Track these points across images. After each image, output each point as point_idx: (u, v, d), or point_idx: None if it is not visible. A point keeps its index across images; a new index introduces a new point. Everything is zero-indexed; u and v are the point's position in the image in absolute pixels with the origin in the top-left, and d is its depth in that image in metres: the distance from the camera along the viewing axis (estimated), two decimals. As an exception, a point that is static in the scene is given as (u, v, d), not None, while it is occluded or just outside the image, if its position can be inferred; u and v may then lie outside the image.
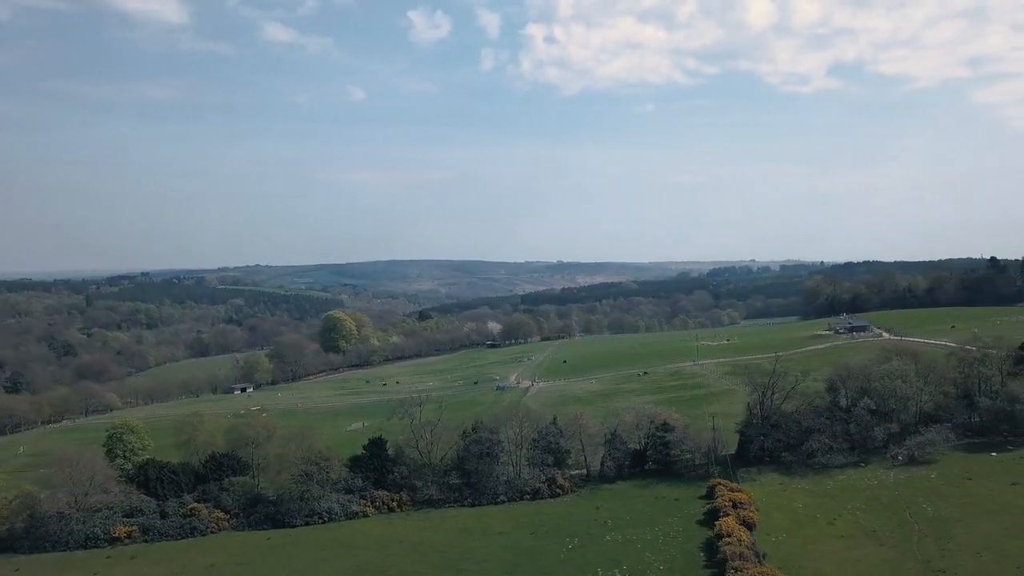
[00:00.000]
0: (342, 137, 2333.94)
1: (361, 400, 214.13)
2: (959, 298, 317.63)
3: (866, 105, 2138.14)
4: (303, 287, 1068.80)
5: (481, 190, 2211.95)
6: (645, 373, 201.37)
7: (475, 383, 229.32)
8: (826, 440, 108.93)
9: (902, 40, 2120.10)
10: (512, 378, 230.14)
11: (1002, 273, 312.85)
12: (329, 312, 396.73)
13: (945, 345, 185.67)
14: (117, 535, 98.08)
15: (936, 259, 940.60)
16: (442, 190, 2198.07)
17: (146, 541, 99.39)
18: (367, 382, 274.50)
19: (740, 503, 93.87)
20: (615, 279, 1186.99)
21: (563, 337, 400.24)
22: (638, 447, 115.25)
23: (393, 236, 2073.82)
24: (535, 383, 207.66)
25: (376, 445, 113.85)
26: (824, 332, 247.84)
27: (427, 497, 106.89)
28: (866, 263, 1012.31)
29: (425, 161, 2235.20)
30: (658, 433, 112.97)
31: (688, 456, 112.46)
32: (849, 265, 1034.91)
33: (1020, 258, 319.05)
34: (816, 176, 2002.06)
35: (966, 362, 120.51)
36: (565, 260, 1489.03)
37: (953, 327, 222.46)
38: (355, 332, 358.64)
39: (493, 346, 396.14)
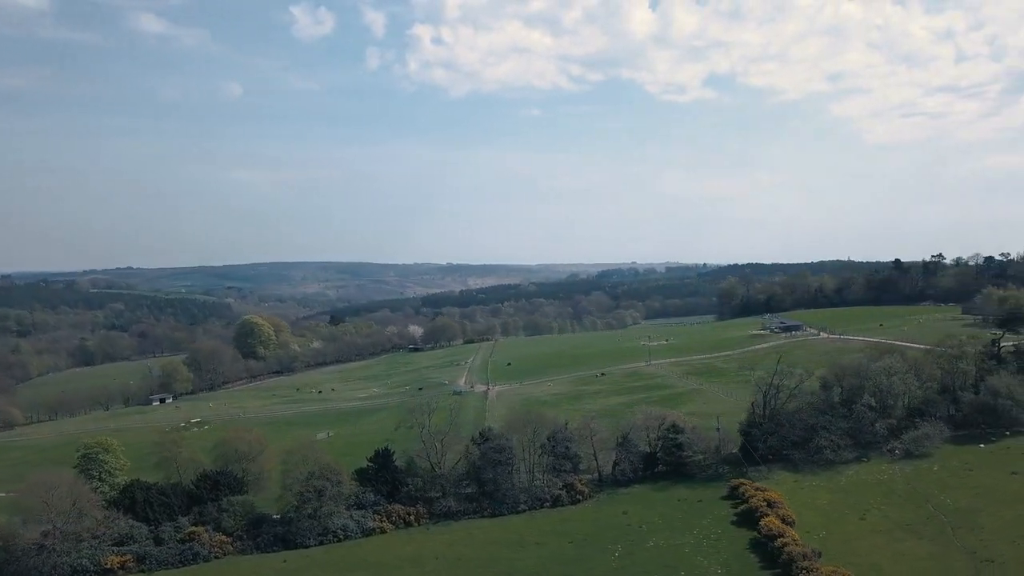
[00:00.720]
0: (218, 134, 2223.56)
1: (306, 409, 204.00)
2: (867, 297, 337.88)
3: (738, 115, 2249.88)
4: (183, 291, 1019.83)
5: (368, 191, 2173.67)
6: (603, 374, 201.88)
7: (420, 388, 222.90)
8: (833, 437, 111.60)
9: (771, 54, 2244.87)
10: (461, 382, 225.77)
11: (906, 275, 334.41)
12: (245, 316, 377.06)
13: (886, 343, 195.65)
14: (109, 566, 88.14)
15: (819, 260, 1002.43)
16: (327, 190, 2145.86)
17: (143, 571, 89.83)
18: (297, 390, 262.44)
19: (774, 502, 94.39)
20: (507, 281, 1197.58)
21: (487, 339, 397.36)
22: (648, 449, 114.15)
23: (275, 237, 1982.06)
24: (490, 387, 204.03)
25: (383, 456, 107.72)
26: (760, 331, 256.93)
27: (445, 509, 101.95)
28: (752, 265, 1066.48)
29: (308, 160, 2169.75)
30: (670, 435, 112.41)
31: (700, 457, 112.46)
32: (734, 267, 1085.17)
33: (921, 260, 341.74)
34: (693, 181, 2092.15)
35: (945, 359, 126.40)
36: (455, 262, 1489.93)
37: (881, 325, 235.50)
38: (273, 337, 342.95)
39: (415, 349, 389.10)
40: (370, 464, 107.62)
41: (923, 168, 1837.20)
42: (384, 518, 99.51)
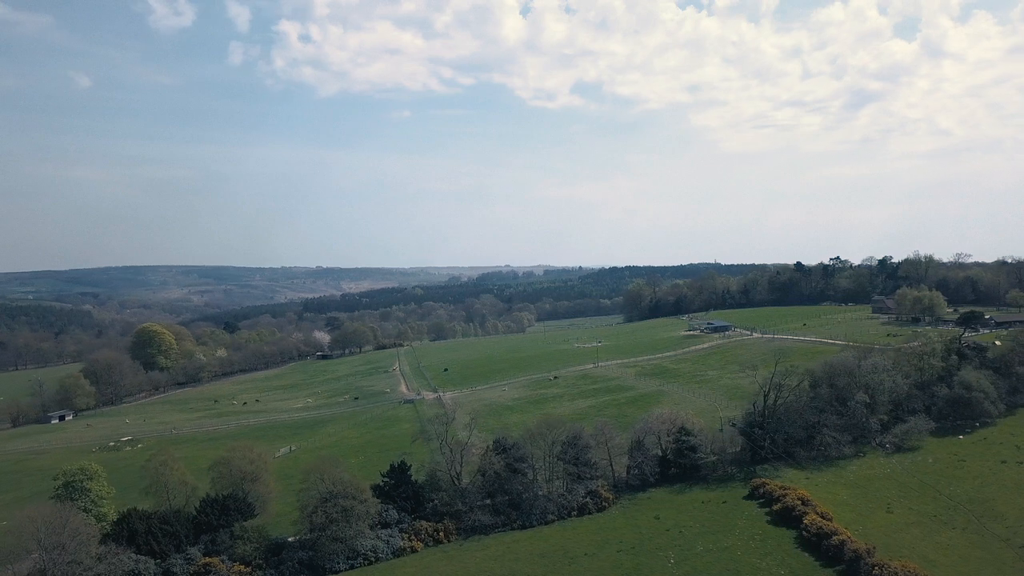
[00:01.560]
0: (65, 129, 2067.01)
1: (244, 422, 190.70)
2: (771, 298, 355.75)
3: (604, 122, 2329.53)
4: (30, 297, 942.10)
5: (231, 191, 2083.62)
6: (556, 377, 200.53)
7: (356, 398, 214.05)
8: (834, 434, 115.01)
9: (636, 65, 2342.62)
10: (403, 389, 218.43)
11: (807, 276, 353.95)
12: (144, 324, 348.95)
13: (825, 341, 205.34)
14: (119, 609, 77.97)
15: (690, 263, 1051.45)
16: (186, 190, 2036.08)
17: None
18: (216, 402, 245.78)
19: (807, 500, 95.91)
20: (382, 285, 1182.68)
21: (401, 345, 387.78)
22: (660, 453, 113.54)
23: (127, 239, 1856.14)
24: (440, 393, 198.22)
25: (400, 471, 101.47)
26: (690, 332, 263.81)
27: (475, 524, 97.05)
28: (630, 267, 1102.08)
29: (165, 158, 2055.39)
30: (682, 437, 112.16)
31: (713, 459, 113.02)
32: (614, 270, 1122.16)
33: (820, 263, 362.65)
34: (562, 186, 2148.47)
35: (915, 356, 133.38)
36: (325, 265, 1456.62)
37: (805, 324, 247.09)
38: (175, 346, 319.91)
39: (324, 357, 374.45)
40: (385, 479, 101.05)
41: (774, 176, 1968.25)
42: (412, 536, 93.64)
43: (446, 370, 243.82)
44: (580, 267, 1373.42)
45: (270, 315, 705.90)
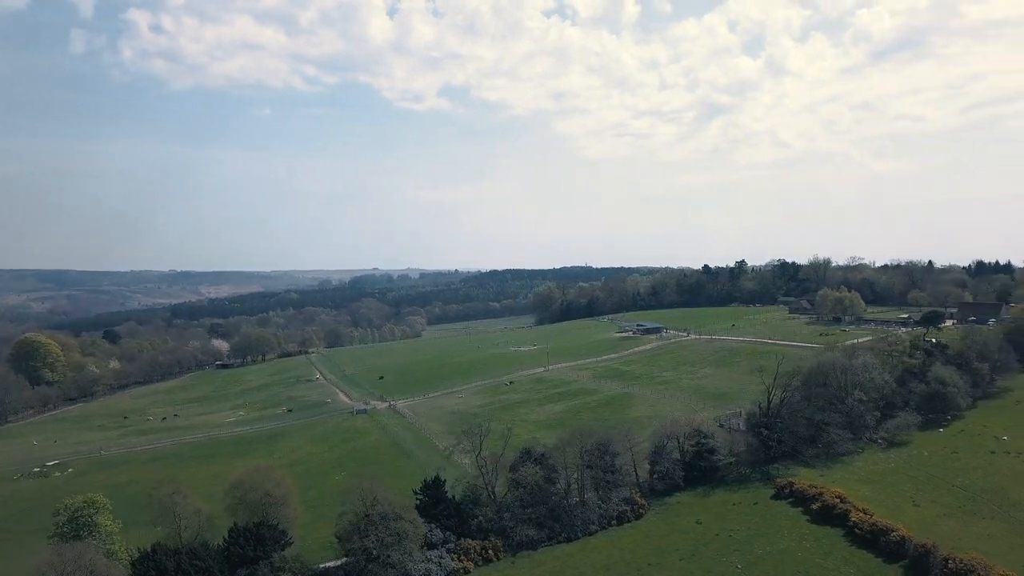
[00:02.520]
0: None
1: (182, 439, 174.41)
2: (680, 300, 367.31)
3: (472, 126, 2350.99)
4: None
5: (73, 190, 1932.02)
6: (511, 383, 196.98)
7: (290, 410, 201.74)
8: (838, 431, 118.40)
9: (503, 70, 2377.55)
10: (344, 398, 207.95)
11: (714, 278, 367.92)
12: (25, 335, 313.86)
13: (764, 341, 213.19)
14: (166, 661, 68.22)
15: (563, 266, 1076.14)
16: (17, 188, 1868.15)
17: (209, 661, 70.74)
18: (125, 417, 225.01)
19: (844, 498, 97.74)
20: (247, 289, 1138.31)
21: (305, 352, 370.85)
22: (679, 456, 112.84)
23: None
24: (391, 403, 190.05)
25: (435, 486, 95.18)
26: (621, 334, 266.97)
27: (521, 539, 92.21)
28: (512, 271, 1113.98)
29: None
30: (703, 440, 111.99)
31: (731, 460, 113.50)
32: (494, 273, 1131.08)
33: (727, 266, 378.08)
34: (431, 189, 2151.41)
35: (894, 354, 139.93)
36: (180, 269, 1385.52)
37: (733, 326, 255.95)
38: (62, 357, 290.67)
39: (225, 366, 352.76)
40: (419, 496, 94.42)
41: (633, 182, 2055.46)
42: (462, 556, 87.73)
43: (381, 378, 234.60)
44: (456, 270, 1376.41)
45: (135, 322, 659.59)
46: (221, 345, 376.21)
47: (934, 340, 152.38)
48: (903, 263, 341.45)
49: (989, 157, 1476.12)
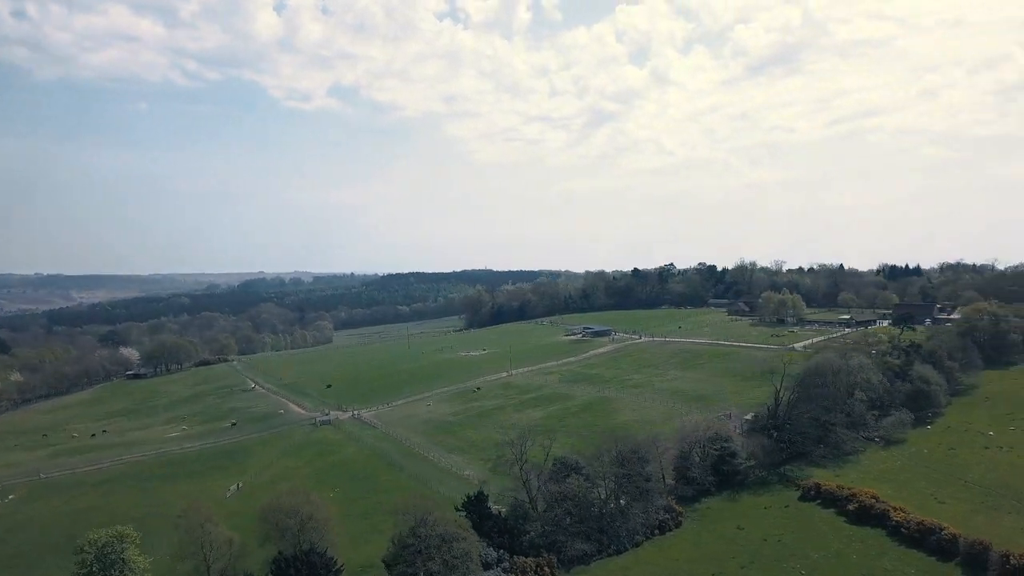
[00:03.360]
0: None
1: (129, 458, 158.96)
2: (610, 302, 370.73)
3: (362, 127, 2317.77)
4: None
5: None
6: (478, 389, 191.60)
7: (233, 424, 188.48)
8: (845, 431, 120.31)
9: (395, 71, 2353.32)
10: (296, 409, 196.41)
11: (643, 281, 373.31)
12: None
13: (719, 343, 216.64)
14: None
15: (463, 269, 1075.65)
16: None
17: None
18: (45, 435, 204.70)
19: (878, 498, 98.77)
20: (126, 294, 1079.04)
21: (226, 360, 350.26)
22: (699, 460, 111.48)
23: None
24: (354, 412, 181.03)
25: (478, 502, 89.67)
26: (570, 337, 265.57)
27: (575, 554, 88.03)
28: (415, 274, 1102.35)
29: None
30: (725, 444, 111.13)
31: (752, 463, 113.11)
32: (397, 276, 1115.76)
33: (656, 269, 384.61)
34: (319, 190, 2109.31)
35: (880, 354, 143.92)
36: (47, 272, 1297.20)
37: (680, 327, 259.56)
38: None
39: (137, 376, 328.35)
40: (462, 513, 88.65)
41: (524, 186, 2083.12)
42: (518, 574, 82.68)
43: (329, 386, 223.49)
44: (352, 273, 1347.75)
45: (8, 329, 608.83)
46: (130, 354, 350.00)
47: (910, 341, 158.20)
48: (816, 267, 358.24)
49: (849, 167, 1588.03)
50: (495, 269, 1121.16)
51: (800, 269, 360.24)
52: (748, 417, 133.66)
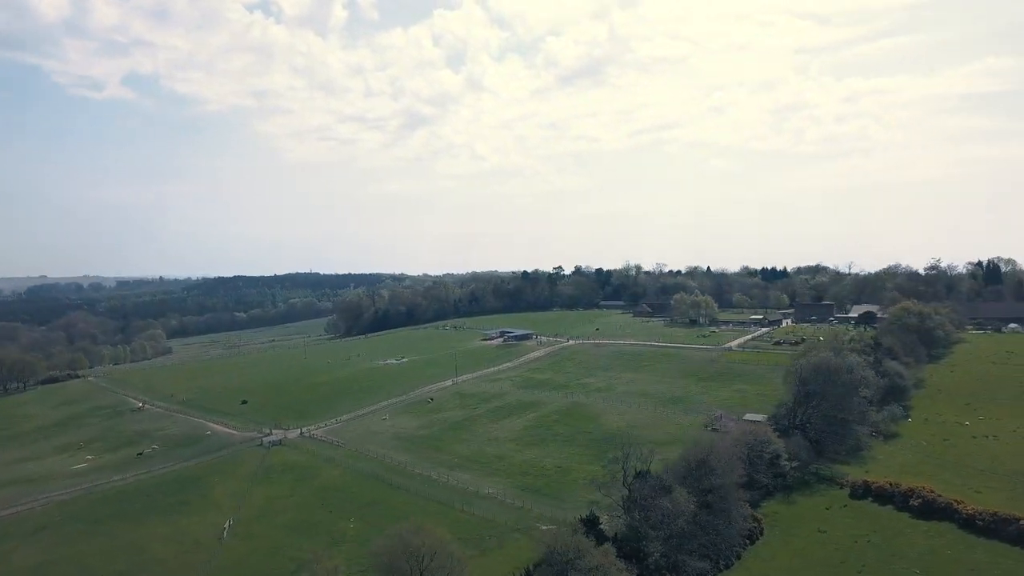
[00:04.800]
0: None
1: (35, 499, 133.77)
2: (500, 305, 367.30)
3: (161, 120, 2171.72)
4: None
5: None
6: (432, 399, 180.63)
7: (140, 454, 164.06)
8: (859, 428, 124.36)
9: (199, 63, 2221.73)
10: (224, 430, 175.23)
11: (534, 284, 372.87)
12: None
13: (651, 344, 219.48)
14: None
15: (287, 273, 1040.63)
16: None
17: None
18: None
19: (935, 491, 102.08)
20: None
21: (77, 376, 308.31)
22: (766, 466, 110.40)
23: None
24: (301, 431, 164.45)
25: (592, 524, 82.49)
26: (489, 342, 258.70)
27: (695, 572, 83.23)
28: (242, 278, 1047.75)
29: None
30: (773, 447, 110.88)
31: (795, 464, 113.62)
32: (222, 280, 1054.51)
33: (546, 272, 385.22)
34: (111, 187, 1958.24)
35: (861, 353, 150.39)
36: None
37: (597, 330, 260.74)
38: None
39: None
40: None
41: (338, 187, 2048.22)
42: (658, 603, 76.73)
43: (244, 402, 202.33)
44: (160, 278, 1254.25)
45: None
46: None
47: (872, 339, 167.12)
48: (690, 269, 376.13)
49: (650, 176, 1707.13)
50: (321, 272, 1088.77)
51: (679, 271, 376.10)
52: (758, 418, 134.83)
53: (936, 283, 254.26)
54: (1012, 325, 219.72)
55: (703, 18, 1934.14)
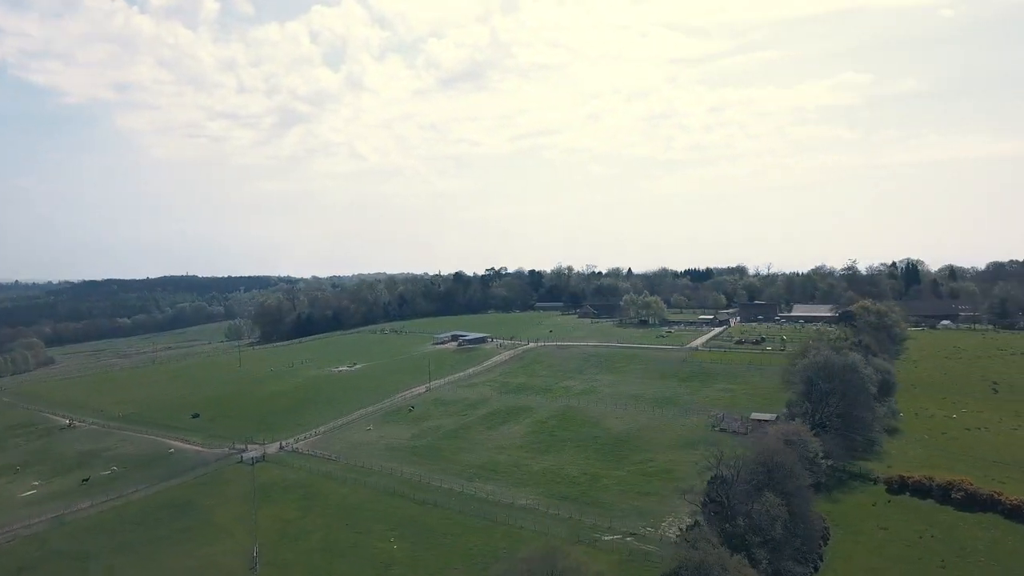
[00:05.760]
0: None
1: (9, 530, 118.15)
2: (432, 307, 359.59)
3: (12, 112, 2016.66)
4: None
5: None
6: (412, 408, 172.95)
7: (84, 480, 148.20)
8: (875, 424, 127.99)
9: (56, 52, 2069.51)
10: (189, 447, 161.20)
11: (467, 286, 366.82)
12: None
13: (612, 345, 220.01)
14: None
15: (163, 276, 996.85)
16: None
17: None
18: None
19: (977, 486, 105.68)
20: None
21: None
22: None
23: None
24: (281, 445, 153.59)
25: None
26: (442, 346, 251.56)
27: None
28: (117, 281, 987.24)
29: None
30: (812, 447, 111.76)
31: (830, 463, 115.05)
32: (91, 283, 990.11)
33: (478, 274, 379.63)
34: None
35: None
36: None
37: (551, 332, 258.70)
38: None
39: None
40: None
41: (209, 186, 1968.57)
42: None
43: (196, 416, 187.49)
44: (16, 281, 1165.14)
45: None
46: None
47: (847, 336, 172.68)
48: (612, 271, 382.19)
49: (529, 180, 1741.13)
50: (200, 275, 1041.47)
51: (606, 272, 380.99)
52: (766, 417, 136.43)
53: (879, 283, 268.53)
54: (945, 322, 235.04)
55: (583, 27, 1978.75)
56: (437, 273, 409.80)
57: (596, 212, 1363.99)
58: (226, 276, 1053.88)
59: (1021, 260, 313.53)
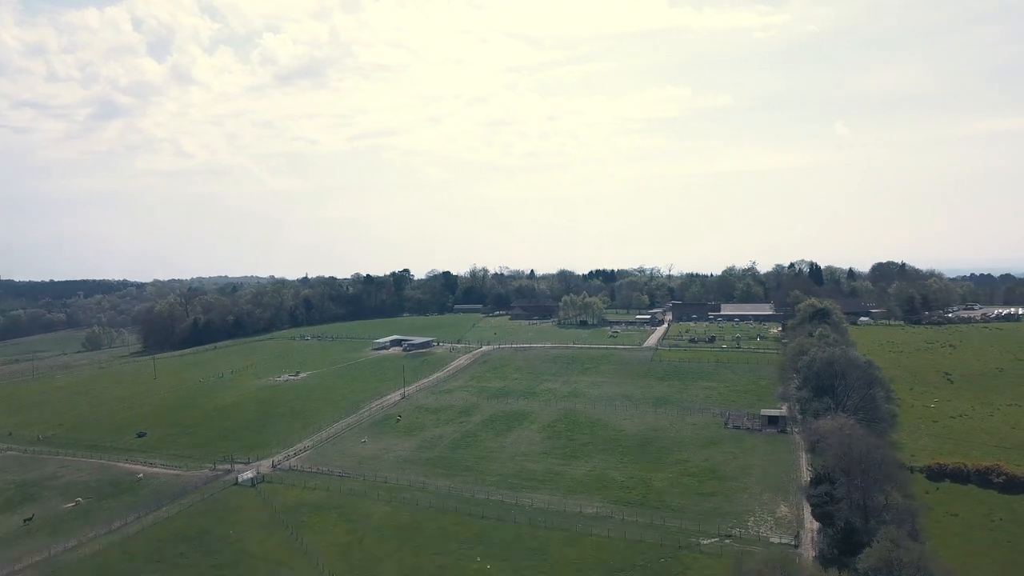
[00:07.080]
0: None
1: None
2: (344, 311, 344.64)
3: None
4: None
5: None
6: (400, 417, 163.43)
7: (28, 520, 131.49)
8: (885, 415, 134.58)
9: None
10: (151, 470, 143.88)
11: (379, 289, 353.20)
12: None
13: (570, 346, 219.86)
14: None
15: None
16: None
17: None
18: None
19: (1013, 470, 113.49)
20: None
21: None
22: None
23: None
24: (274, 463, 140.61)
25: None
26: (386, 351, 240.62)
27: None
28: (21, 283, 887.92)
29: None
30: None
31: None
32: None
33: (390, 275, 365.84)
34: None
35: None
36: None
37: (495, 334, 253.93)
38: None
39: None
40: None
41: (10, 183, 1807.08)
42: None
43: (141, 435, 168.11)
44: None
45: None
46: None
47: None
48: (506, 272, 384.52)
49: (373, 180, 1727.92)
50: (17, 280, 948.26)
51: (545, 275, 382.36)
52: (775, 413, 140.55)
53: (800, 283, 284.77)
54: (863, 319, 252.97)
55: (425, 30, 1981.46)
56: (270, 276, 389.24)
57: (434, 215, 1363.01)
58: (48, 281, 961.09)
59: (899, 262, 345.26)
